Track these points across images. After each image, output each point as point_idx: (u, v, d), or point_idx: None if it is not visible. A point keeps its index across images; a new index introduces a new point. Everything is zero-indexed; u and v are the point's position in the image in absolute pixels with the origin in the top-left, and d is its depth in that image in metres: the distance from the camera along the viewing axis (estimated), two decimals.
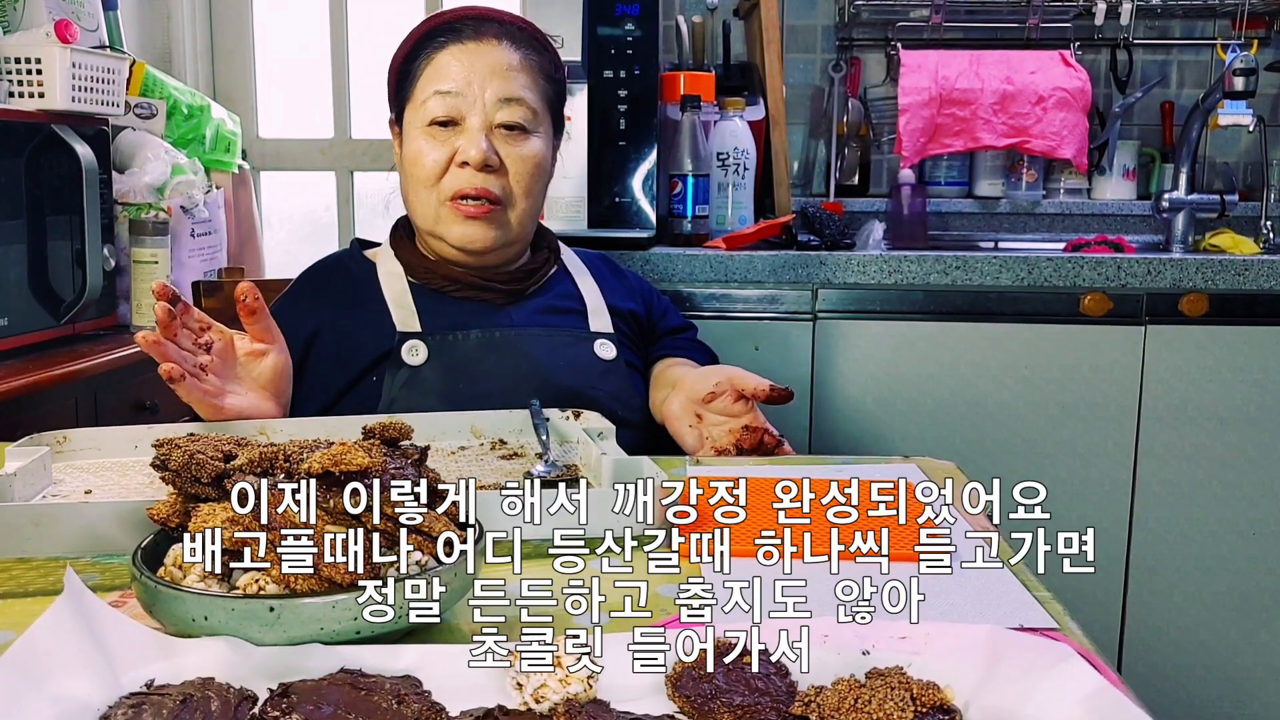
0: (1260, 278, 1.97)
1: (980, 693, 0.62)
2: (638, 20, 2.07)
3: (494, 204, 1.36)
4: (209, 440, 0.79)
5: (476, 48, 1.36)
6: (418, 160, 1.37)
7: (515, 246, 1.44)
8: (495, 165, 1.35)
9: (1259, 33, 2.55)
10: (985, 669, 0.63)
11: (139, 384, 2.01)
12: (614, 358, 1.41)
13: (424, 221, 1.40)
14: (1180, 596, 2.04)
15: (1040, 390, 2.00)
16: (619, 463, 1.01)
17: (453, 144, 1.35)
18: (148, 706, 0.59)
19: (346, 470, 0.69)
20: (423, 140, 1.37)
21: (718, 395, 1.26)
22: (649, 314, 1.54)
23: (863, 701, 0.60)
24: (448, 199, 1.36)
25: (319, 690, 0.61)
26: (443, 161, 1.36)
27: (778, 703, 0.62)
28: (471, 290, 1.41)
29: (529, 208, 1.40)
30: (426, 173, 1.36)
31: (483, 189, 1.34)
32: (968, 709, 0.62)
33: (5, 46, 1.91)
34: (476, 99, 1.35)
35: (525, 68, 1.38)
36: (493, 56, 1.36)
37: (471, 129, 1.35)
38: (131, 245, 2.12)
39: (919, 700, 0.61)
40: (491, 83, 1.35)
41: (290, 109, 2.92)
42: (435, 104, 1.35)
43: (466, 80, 1.35)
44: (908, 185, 2.51)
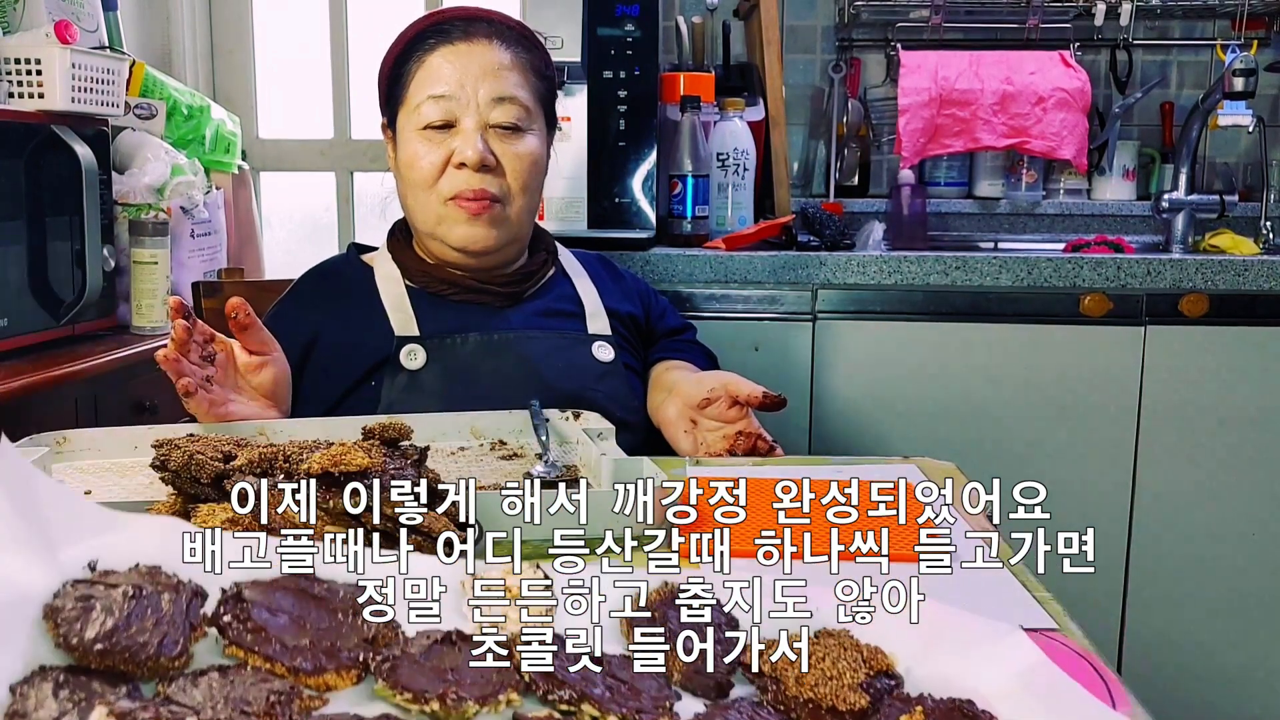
0: (1260, 278, 1.97)
1: (921, 662, 0.64)
2: (637, 21, 2.07)
3: (493, 202, 1.36)
4: (209, 441, 0.79)
5: (467, 48, 1.36)
6: (414, 164, 1.37)
7: (515, 245, 1.44)
8: (492, 165, 1.35)
9: (1259, 33, 2.55)
10: (926, 640, 0.64)
11: (139, 384, 2.01)
12: (612, 360, 1.41)
13: (424, 224, 1.40)
14: (1180, 597, 2.04)
15: (1040, 390, 2.00)
16: (619, 463, 1.01)
17: (448, 146, 1.35)
18: (96, 600, 0.56)
19: (346, 470, 0.69)
20: (418, 144, 1.37)
21: (712, 401, 1.26)
22: (647, 315, 1.54)
23: (816, 659, 0.61)
24: (447, 199, 1.36)
25: (272, 590, 0.60)
26: (439, 164, 1.36)
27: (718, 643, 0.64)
28: (470, 293, 1.41)
29: (527, 204, 1.40)
30: (424, 175, 1.37)
31: (480, 189, 1.35)
32: (909, 675, 0.63)
33: (5, 47, 1.91)
34: (470, 100, 1.35)
35: (516, 66, 1.38)
36: (484, 56, 1.36)
37: (466, 130, 1.35)
38: (131, 246, 2.12)
39: (869, 663, 0.62)
40: (484, 83, 1.35)
41: (290, 109, 2.92)
42: (429, 108, 1.35)
43: (459, 82, 1.35)
44: (907, 186, 2.51)
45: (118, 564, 0.59)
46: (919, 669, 0.63)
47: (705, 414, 1.27)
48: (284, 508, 0.69)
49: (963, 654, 0.63)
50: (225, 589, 0.60)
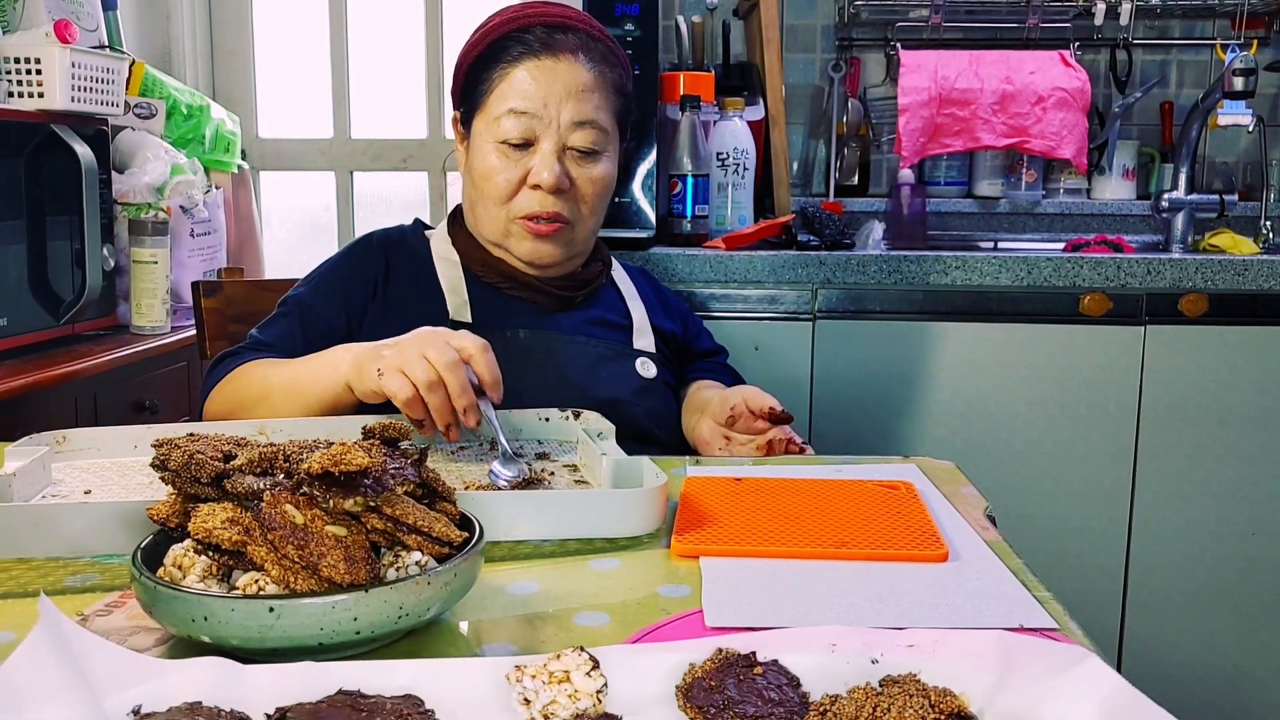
0: (1260, 278, 1.97)
1: (995, 698, 0.61)
2: (637, 20, 2.07)
3: (564, 224, 1.37)
4: (209, 440, 0.79)
5: (553, 65, 1.34)
6: (490, 178, 1.37)
7: (578, 259, 1.45)
8: (566, 188, 1.35)
9: (1258, 33, 2.55)
10: (998, 674, 0.62)
11: (139, 384, 2.01)
12: (654, 377, 1.42)
13: (492, 235, 1.41)
14: (1180, 596, 2.04)
15: (1040, 390, 2.00)
16: (619, 463, 1.00)
17: (525, 165, 1.35)
18: None
19: (346, 470, 0.69)
20: (495, 158, 1.36)
21: (737, 417, 1.28)
22: (685, 335, 1.55)
23: (881, 710, 0.59)
24: (518, 217, 1.37)
25: (318, 713, 0.59)
26: (515, 181, 1.36)
27: (791, 713, 0.61)
28: (525, 290, 1.41)
29: (594, 225, 1.42)
30: (499, 191, 1.37)
31: (553, 211, 1.35)
32: (983, 715, 0.61)
33: (5, 46, 1.91)
34: (552, 121, 1.34)
35: (599, 86, 1.37)
36: (568, 75, 1.34)
37: (544, 152, 1.34)
38: (131, 245, 2.12)
39: (937, 707, 0.59)
40: (567, 104, 1.34)
41: (290, 109, 2.92)
42: (509, 124, 1.34)
43: (542, 101, 1.34)
44: (907, 185, 2.51)
45: (161, 707, 0.60)
46: (993, 707, 0.61)
47: (736, 429, 1.29)
48: (284, 507, 0.69)
49: (1037, 686, 0.61)
50: (269, 714, 0.60)
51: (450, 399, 1.05)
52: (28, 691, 0.58)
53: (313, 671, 0.63)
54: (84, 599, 0.79)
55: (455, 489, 0.81)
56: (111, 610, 0.77)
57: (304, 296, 1.39)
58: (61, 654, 0.60)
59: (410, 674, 0.63)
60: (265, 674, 0.62)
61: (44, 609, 0.62)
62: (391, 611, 0.67)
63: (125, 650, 0.64)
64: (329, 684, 0.62)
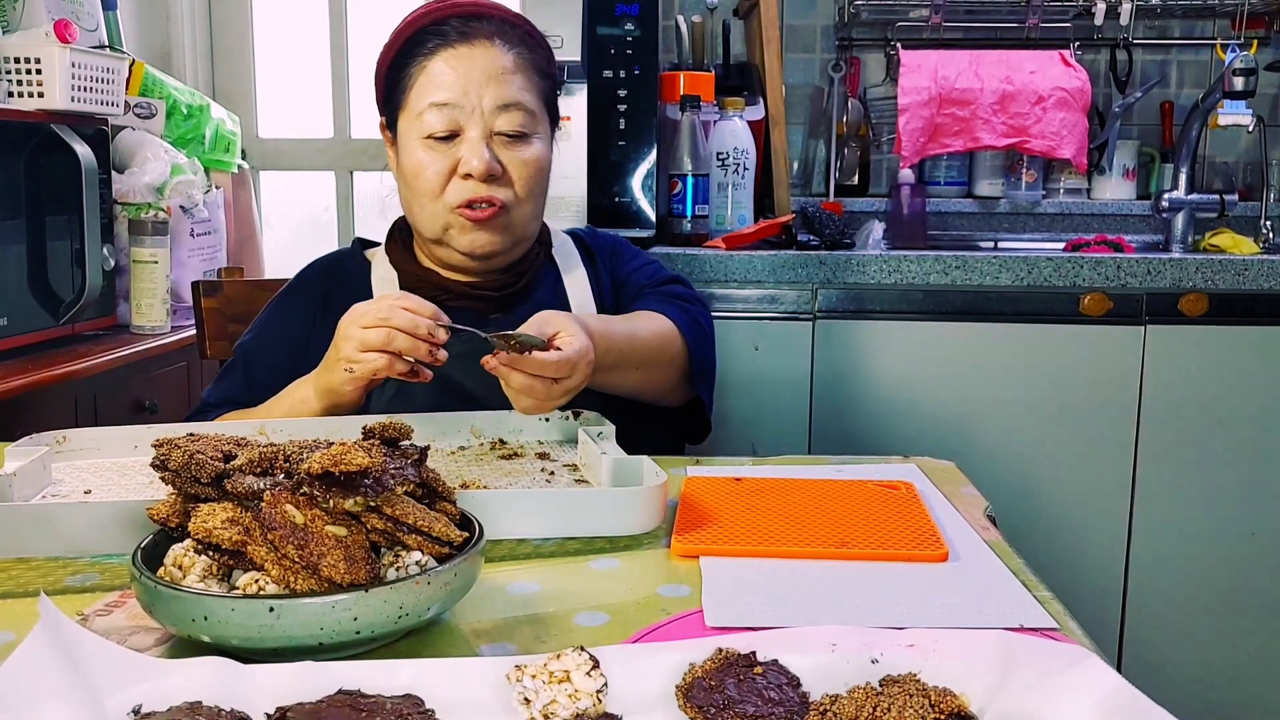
0: (1260, 278, 1.97)
1: (995, 698, 0.61)
2: (637, 20, 2.07)
3: (501, 209, 1.35)
4: (209, 440, 0.79)
5: (469, 52, 1.34)
6: (419, 174, 1.35)
7: (521, 246, 1.43)
8: (498, 174, 1.34)
9: (1259, 33, 2.55)
10: (998, 673, 0.62)
11: (139, 384, 2.01)
12: None
13: (430, 231, 1.39)
14: (1180, 596, 2.04)
15: (1040, 390, 2.00)
16: (619, 462, 1.00)
17: (453, 155, 1.33)
18: None
19: (346, 470, 0.69)
20: (422, 153, 1.35)
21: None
22: (617, 279, 1.50)
23: (881, 709, 0.59)
24: (454, 208, 1.35)
25: (318, 713, 0.60)
26: (445, 172, 1.34)
27: (791, 713, 0.61)
28: (462, 299, 1.40)
29: (533, 209, 1.39)
30: (430, 185, 1.35)
31: (487, 197, 1.33)
32: (983, 715, 0.61)
33: (5, 46, 1.91)
34: (474, 108, 1.32)
35: (520, 68, 1.35)
36: (486, 60, 1.33)
37: (471, 139, 1.33)
38: (131, 245, 2.12)
39: (937, 707, 0.59)
40: (488, 89, 1.32)
41: (290, 109, 2.92)
42: (433, 117, 1.33)
43: (462, 89, 1.32)
44: (907, 185, 2.51)
45: (161, 707, 0.60)
46: (993, 707, 0.61)
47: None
48: (284, 507, 0.69)
49: (1037, 686, 0.61)
50: (269, 713, 0.60)
51: (411, 333, 1.10)
52: (28, 691, 0.58)
53: (313, 671, 0.63)
54: (84, 599, 0.79)
55: (455, 489, 0.81)
56: (111, 610, 0.77)
57: (248, 345, 1.41)
58: (61, 654, 0.60)
59: (410, 674, 0.63)
60: (265, 674, 0.62)
61: (44, 609, 0.62)
62: (391, 611, 0.67)
63: (125, 650, 0.64)
64: (329, 684, 0.62)
